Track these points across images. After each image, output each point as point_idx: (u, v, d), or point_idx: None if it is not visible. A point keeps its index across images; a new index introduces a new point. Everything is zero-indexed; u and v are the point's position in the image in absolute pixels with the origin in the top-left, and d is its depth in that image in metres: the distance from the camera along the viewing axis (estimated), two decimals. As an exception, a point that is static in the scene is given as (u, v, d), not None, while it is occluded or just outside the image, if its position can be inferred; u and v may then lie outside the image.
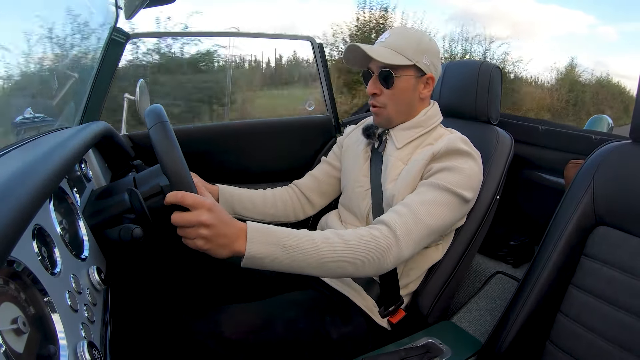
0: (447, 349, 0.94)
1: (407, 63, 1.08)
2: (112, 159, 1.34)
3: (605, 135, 1.44)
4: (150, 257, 1.14)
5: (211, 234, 0.75)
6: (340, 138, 1.40)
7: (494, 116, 1.36)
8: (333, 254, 0.84)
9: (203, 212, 0.75)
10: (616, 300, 0.82)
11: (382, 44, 1.11)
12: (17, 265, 0.52)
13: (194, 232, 0.75)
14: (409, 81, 1.11)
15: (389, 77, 1.09)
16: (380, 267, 0.90)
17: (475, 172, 1.06)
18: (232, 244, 0.77)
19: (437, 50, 1.14)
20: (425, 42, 1.10)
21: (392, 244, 0.90)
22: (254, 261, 0.79)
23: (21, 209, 0.48)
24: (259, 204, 1.28)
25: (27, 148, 0.82)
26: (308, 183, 1.37)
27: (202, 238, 0.75)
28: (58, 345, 0.53)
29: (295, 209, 1.35)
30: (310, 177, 1.39)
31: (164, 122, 0.81)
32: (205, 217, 0.74)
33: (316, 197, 1.37)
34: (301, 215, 1.37)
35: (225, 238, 0.76)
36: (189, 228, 0.75)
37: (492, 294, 1.47)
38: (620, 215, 0.86)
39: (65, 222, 0.77)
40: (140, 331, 0.99)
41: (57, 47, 1.23)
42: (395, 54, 1.08)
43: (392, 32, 1.13)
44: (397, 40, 1.10)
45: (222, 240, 0.76)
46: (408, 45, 1.08)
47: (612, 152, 0.92)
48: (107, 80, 1.43)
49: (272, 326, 1.01)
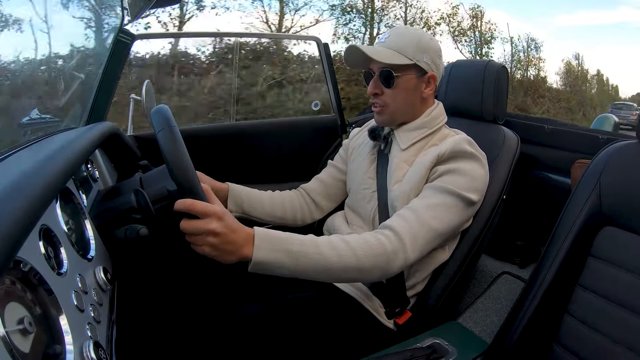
0: (453, 349, 0.93)
1: (407, 62, 1.08)
2: (118, 160, 1.35)
3: (612, 134, 1.43)
4: (156, 257, 1.14)
5: (219, 242, 0.76)
6: (346, 141, 1.40)
7: (500, 116, 1.36)
8: (339, 260, 0.84)
9: (212, 220, 0.75)
10: (623, 300, 0.82)
11: (382, 44, 1.11)
12: (24, 265, 0.52)
13: (202, 239, 0.76)
14: (410, 80, 1.10)
15: (390, 77, 1.09)
16: (386, 272, 0.91)
17: (480, 174, 1.05)
18: (239, 250, 0.78)
19: (437, 49, 1.13)
20: (425, 40, 1.10)
21: (398, 250, 0.90)
22: (260, 267, 0.80)
23: (28, 209, 0.48)
24: (267, 205, 1.28)
25: (34, 149, 0.83)
26: (315, 187, 1.37)
27: (210, 245, 0.76)
28: (64, 345, 0.53)
29: (304, 212, 1.34)
30: (317, 181, 1.38)
31: (171, 126, 0.81)
32: (214, 226, 0.75)
33: (324, 200, 1.36)
34: (308, 219, 1.36)
35: (233, 245, 0.77)
36: (198, 235, 0.76)
37: (498, 294, 1.47)
38: (627, 215, 0.86)
39: (72, 222, 0.77)
40: (147, 331, 1.00)
41: (64, 48, 1.24)
42: (395, 53, 1.08)
43: (392, 32, 1.13)
44: (396, 40, 1.10)
45: (230, 247, 0.77)
46: (408, 44, 1.08)
47: (618, 152, 0.91)
48: (113, 81, 1.44)
49: (278, 326, 1.02)
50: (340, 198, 1.38)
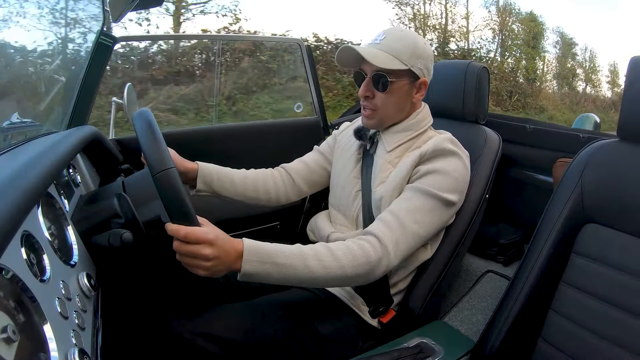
0: (439, 348, 0.94)
1: (402, 67, 1.05)
2: (100, 164, 1.33)
3: (593, 133, 1.46)
4: (139, 261, 1.13)
5: (211, 265, 0.79)
6: (335, 131, 1.38)
7: (481, 116, 1.37)
8: (324, 271, 0.88)
9: (205, 247, 0.77)
10: (606, 296, 0.84)
11: (377, 46, 1.07)
12: (6, 272, 0.51)
13: (196, 262, 0.79)
14: (403, 86, 1.08)
15: (384, 81, 1.06)
16: (370, 278, 0.94)
17: (461, 172, 1.06)
18: (229, 266, 0.82)
19: (431, 55, 1.11)
20: (420, 46, 1.07)
21: (382, 257, 0.93)
22: (249, 278, 0.84)
23: (9, 215, 0.48)
24: (239, 185, 1.24)
25: (15, 153, 0.81)
26: (297, 168, 1.34)
27: (203, 269, 0.79)
28: (49, 353, 0.52)
29: (278, 191, 1.30)
30: (300, 162, 1.36)
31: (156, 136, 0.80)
32: (208, 252, 0.77)
33: (302, 182, 1.33)
34: (283, 199, 1.32)
35: (224, 265, 0.81)
36: (190, 258, 0.79)
37: (483, 292, 1.48)
38: (608, 212, 0.88)
39: (54, 228, 0.76)
40: (132, 337, 0.98)
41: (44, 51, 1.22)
42: (391, 57, 1.05)
43: (387, 33, 1.08)
44: (392, 44, 1.06)
45: (221, 267, 0.81)
46: (404, 49, 1.05)
47: (599, 150, 0.93)
48: (94, 84, 1.42)
49: (262, 326, 1.02)
50: (319, 186, 1.36)
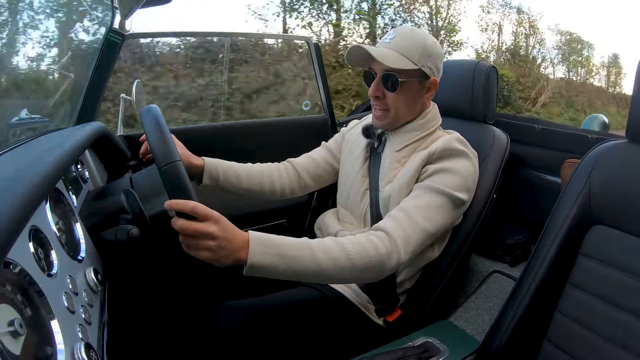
0: (444, 348, 0.94)
1: (412, 67, 1.04)
2: (108, 160, 1.34)
3: (601, 134, 1.44)
4: (146, 257, 1.14)
5: (216, 245, 0.76)
6: (344, 129, 1.37)
7: (490, 115, 1.36)
8: (332, 264, 0.85)
9: (211, 224, 0.75)
10: (613, 298, 0.83)
11: (387, 45, 1.06)
12: (14, 266, 0.52)
13: (200, 242, 0.76)
14: (413, 85, 1.08)
15: (394, 80, 1.05)
16: (379, 274, 0.92)
17: (470, 172, 1.05)
18: (234, 254, 0.78)
19: (441, 54, 1.10)
20: (430, 44, 1.07)
21: (392, 252, 0.91)
22: (255, 270, 0.80)
23: (17, 210, 0.48)
24: (244, 180, 1.24)
25: (23, 149, 0.82)
26: (304, 163, 1.34)
27: (207, 249, 0.76)
28: (55, 347, 0.53)
29: (284, 185, 1.30)
30: (307, 157, 1.35)
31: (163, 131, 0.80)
32: (213, 229, 0.75)
33: (308, 178, 1.32)
34: (288, 193, 1.32)
35: (229, 249, 0.77)
36: (195, 239, 0.76)
37: (489, 293, 1.48)
38: (616, 214, 0.87)
39: (62, 223, 0.77)
40: (138, 332, 0.99)
41: (54, 48, 1.23)
42: (401, 57, 1.04)
43: (398, 32, 1.08)
44: (402, 43, 1.05)
45: (226, 251, 0.77)
46: (414, 48, 1.05)
47: (608, 152, 0.92)
48: (103, 81, 1.43)
49: (267, 322, 1.02)
50: (324, 182, 1.36)
